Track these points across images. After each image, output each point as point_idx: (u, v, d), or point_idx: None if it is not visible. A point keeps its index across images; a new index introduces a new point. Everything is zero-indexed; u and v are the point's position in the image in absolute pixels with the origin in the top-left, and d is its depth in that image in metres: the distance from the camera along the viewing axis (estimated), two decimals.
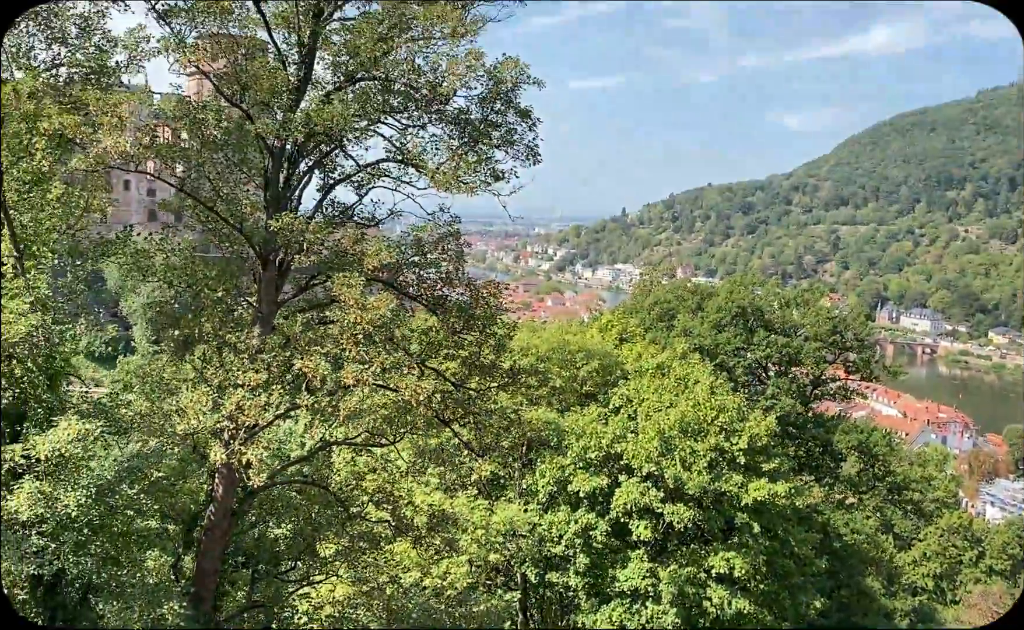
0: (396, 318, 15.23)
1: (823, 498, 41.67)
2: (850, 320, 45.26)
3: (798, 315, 44.87)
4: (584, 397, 34.87)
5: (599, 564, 30.10)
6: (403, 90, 15.56)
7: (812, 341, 42.98)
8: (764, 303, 44.51)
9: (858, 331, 44.95)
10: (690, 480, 27.81)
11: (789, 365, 44.10)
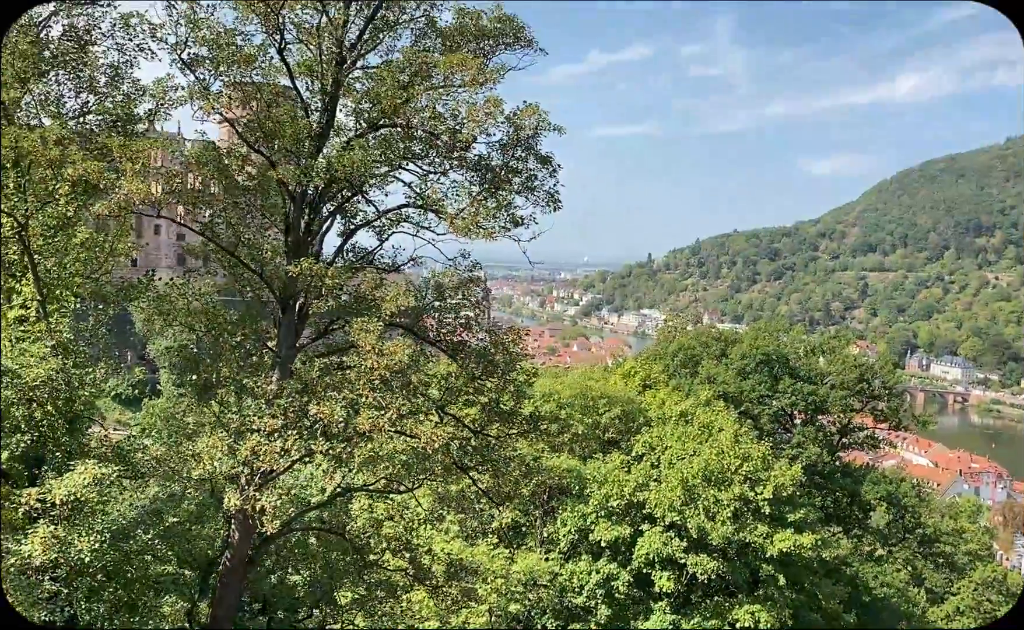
0: (414, 364, 15.16)
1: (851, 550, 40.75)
2: (877, 368, 44.65)
3: (824, 362, 44.34)
4: (606, 444, 34.52)
5: (621, 616, 29.54)
6: (424, 136, 15.66)
7: (839, 389, 42.38)
8: (789, 350, 44.05)
9: (886, 379, 44.30)
10: (714, 530, 27.32)
11: (815, 413, 43.48)
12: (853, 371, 42.77)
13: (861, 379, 42.99)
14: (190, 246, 19.77)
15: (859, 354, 49.27)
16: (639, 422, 34.84)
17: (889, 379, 44.89)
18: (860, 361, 44.56)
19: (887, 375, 44.77)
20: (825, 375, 43.52)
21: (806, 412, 43.69)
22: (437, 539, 25.44)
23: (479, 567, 25.69)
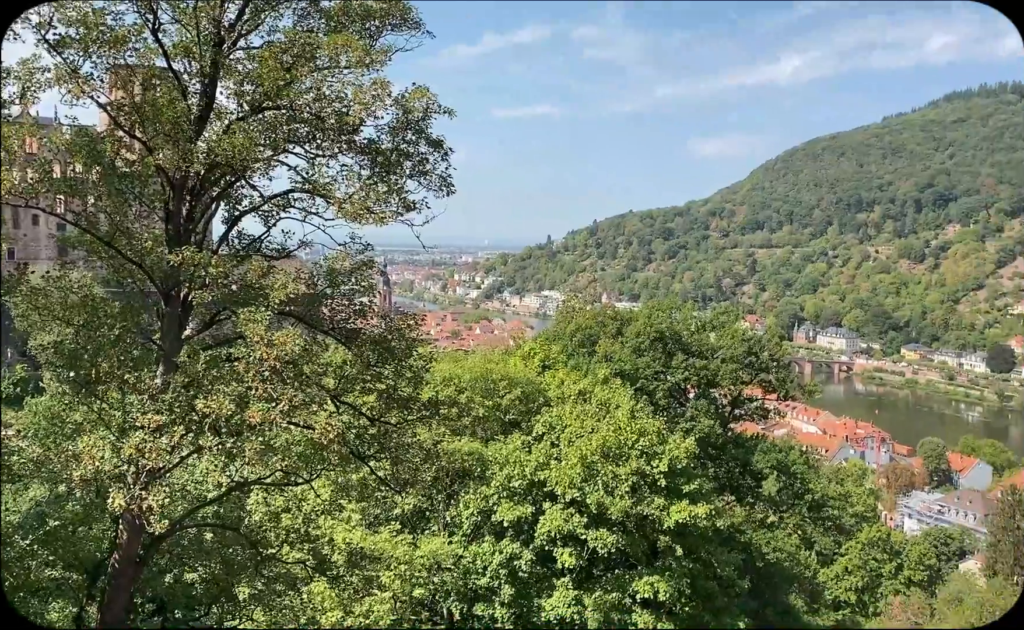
0: (306, 353, 14.84)
1: (745, 518, 42.28)
2: (765, 341, 46.28)
3: (715, 337, 45.67)
4: (508, 426, 34.74)
5: (525, 594, 29.88)
6: (309, 119, 15.26)
7: (729, 362, 43.75)
8: (682, 327, 45.21)
9: (773, 351, 45.98)
10: (613, 505, 27.87)
11: (708, 387, 44.81)
12: (742, 345, 44.20)
13: (750, 352, 44.48)
14: (67, 237, 18.82)
15: (748, 328, 50.98)
16: (539, 402, 35.19)
17: (776, 351, 46.59)
18: (748, 335, 46.10)
19: (774, 348, 46.46)
20: (716, 350, 44.83)
21: (699, 386, 44.97)
22: (338, 529, 25.12)
23: (382, 554, 25.53)
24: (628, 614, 28.37)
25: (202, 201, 16.15)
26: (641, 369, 42.94)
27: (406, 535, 28.56)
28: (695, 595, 29.41)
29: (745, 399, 47.04)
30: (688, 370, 43.35)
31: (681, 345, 44.35)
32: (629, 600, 28.53)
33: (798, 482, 45.34)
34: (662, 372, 43.66)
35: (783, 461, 44.10)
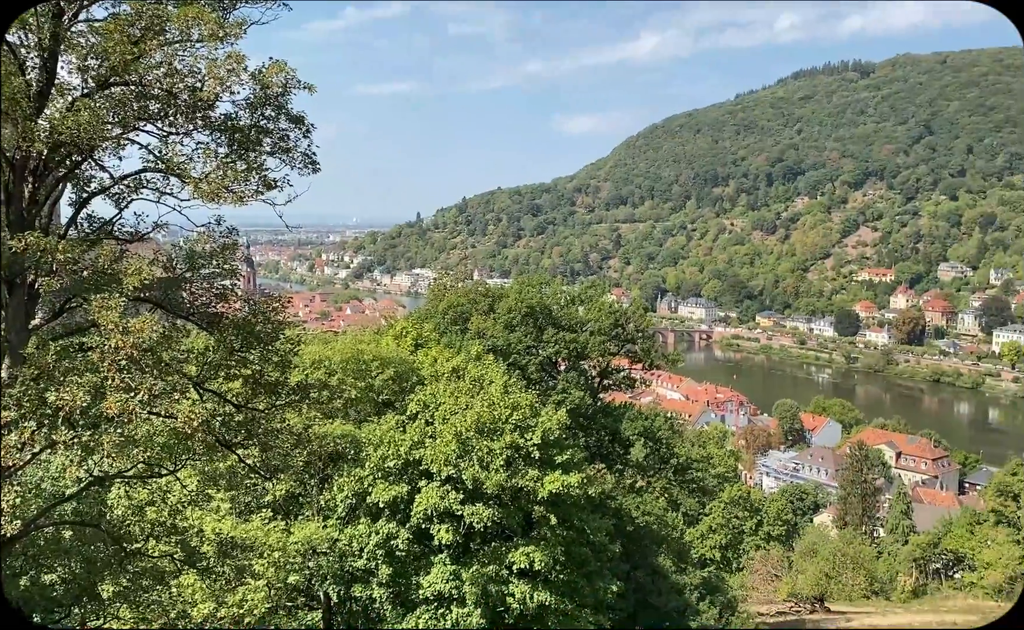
0: (165, 340, 14.26)
1: (615, 484, 43.57)
2: (631, 313, 47.67)
3: (583, 311, 46.69)
4: (381, 406, 34.48)
5: (403, 573, 29.86)
6: (161, 95, 14.57)
7: (597, 335, 44.84)
8: (552, 301, 45.98)
9: (638, 323, 47.43)
10: (488, 479, 28.14)
11: (578, 359, 45.79)
12: (609, 318, 45.39)
13: (617, 324, 45.75)
14: None
15: (615, 301, 52.33)
16: (413, 381, 35.07)
17: (642, 323, 48.08)
18: (615, 308, 47.35)
19: (640, 319, 47.93)
20: (585, 323, 45.83)
21: (569, 359, 45.88)
22: (207, 519, 24.33)
23: (254, 542, 24.94)
24: (505, 585, 28.79)
25: (46, 183, 15.18)
26: (513, 344, 43.43)
27: (279, 522, 27.95)
28: (569, 562, 30.11)
29: (613, 370, 48.35)
30: (559, 343, 44.14)
31: (551, 319, 45.10)
32: (506, 571, 28.94)
33: (664, 447, 47.01)
34: (534, 346, 44.30)
35: (649, 428, 45.61)
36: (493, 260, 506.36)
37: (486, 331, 44.05)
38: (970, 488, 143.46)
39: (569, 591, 30.18)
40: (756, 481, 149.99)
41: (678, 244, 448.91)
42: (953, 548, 79.39)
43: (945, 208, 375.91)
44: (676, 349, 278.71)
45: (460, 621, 28.51)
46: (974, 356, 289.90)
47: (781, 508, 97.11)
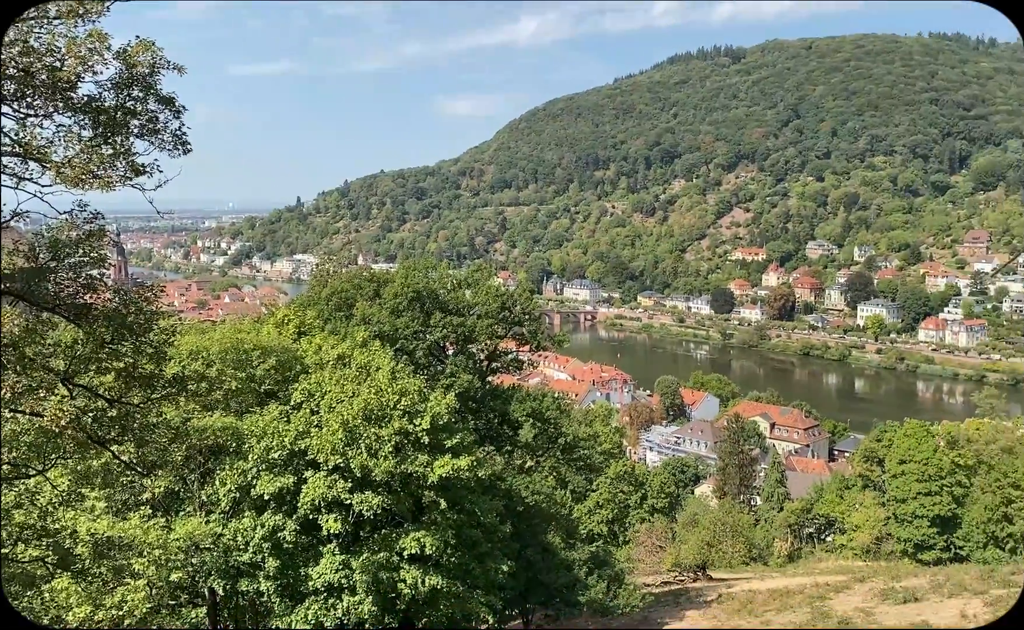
0: (29, 334, 13.46)
1: (504, 465, 43.90)
2: (517, 296, 47.95)
3: (470, 294, 46.67)
4: (264, 396, 33.58)
5: (291, 565, 29.29)
6: (17, 75, 13.65)
7: (485, 318, 44.92)
8: (438, 285, 45.76)
9: (525, 305, 47.77)
10: (377, 467, 27.88)
11: (465, 343, 45.76)
12: (496, 301, 45.53)
13: (504, 307, 45.93)
14: None
15: (502, 284, 52.61)
16: (296, 370, 34.28)
17: (528, 305, 48.44)
18: (502, 291, 47.55)
19: (526, 302, 48.27)
20: (472, 306, 45.84)
21: (457, 343, 45.82)
22: (81, 520, 23.18)
23: (132, 541, 23.94)
24: (396, 571, 28.62)
25: None
26: (400, 329, 43.01)
27: (159, 519, 26.90)
28: (460, 545, 30.19)
29: (501, 352, 48.57)
30: (446, 327, 43.98)
31: (438, 304, 44.87)
32: (397, 558, 28.77)
33: (552, 427, 47.61)
34: (421, 331, 44.00)
35: (538, 408, 46.10)
36: (378, 245, 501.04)
37: (372, 317, 43.49)
38: (839, 455, 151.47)
39: (461, 573, 30.29)
40: (640, 456, 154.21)
41: (562, 227, 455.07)
42: (824, 513, 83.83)
43: (812, 189, 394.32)
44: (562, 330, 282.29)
45: (351, 610, 28.22)
46: (840, 330, 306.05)
47: (664, 481, 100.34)
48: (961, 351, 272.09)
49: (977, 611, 33.53)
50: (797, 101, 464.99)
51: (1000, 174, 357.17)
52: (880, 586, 43.13)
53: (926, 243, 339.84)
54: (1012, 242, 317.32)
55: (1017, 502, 65.50)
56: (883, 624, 34.64)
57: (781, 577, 57.50)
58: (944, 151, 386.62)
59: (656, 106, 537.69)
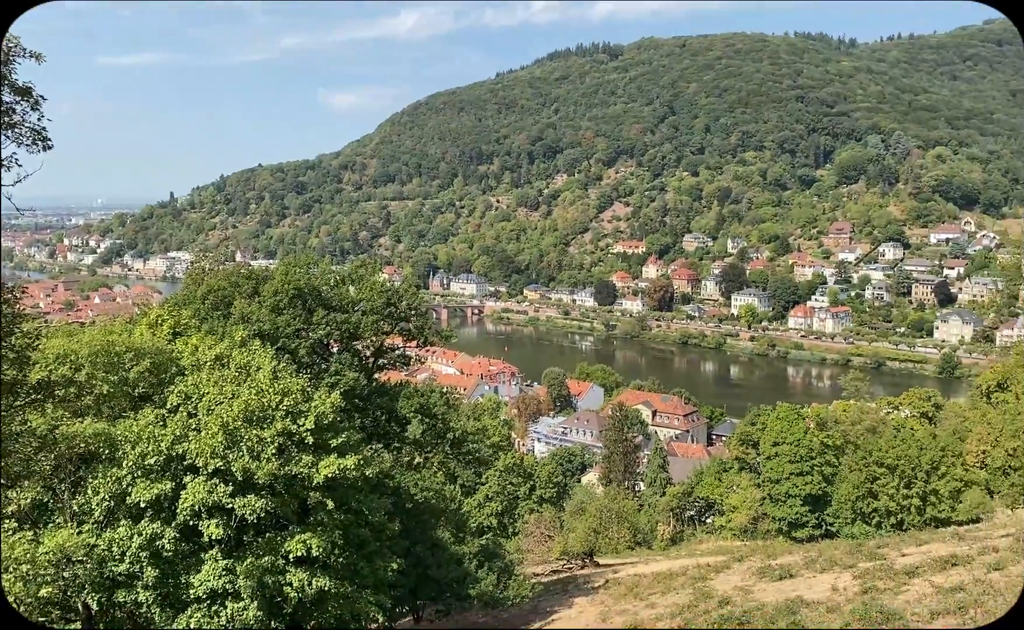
0: None
1: (393, 463, 43.56)
2: (403, 291, 47.58)
3: (355, 291, 46.01)
4: (137, 401, 32.20)
5: (171, 573, 28.24)
6: None
7: (370, 315, 44.38)
8: (321, 282, 44.91)
9: (411, 301, 47.45)
10: (260, 469, 27.20)
11: (350, 340, 45.10)
12: (381, 296, 45.04)
13: (389, 303, 45.49)
14: None
15: (387, 280, 52.16)
16: (172, 372, 33.03)
17: (414, 300, 48.15)
18: (387, 287, 47.10)
19: (412, 297, 47.95)
20: (357, 303, 45.22)
21: (342, 340, 45.11)
22: None
23: None
24: (282, 575, 27.98)
25: None
26: (281, 327, 42.00)
27: (26, 532, 25.48)
28: (348, 545, 29.78)
29: (388, 348, 48.08)
30: (330, 325, 43.20)
31: (321, 300, 44.01)
32: (282, 561, 28.13)
33: (440, 422, 47.50)
34: (303, 329, 43.09)
35: (425, 404, 45.92)
36: (257, 241, 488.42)
37: (251, 315, 42.33)
38: (717, 439, 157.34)
39: (349, 574, 29.90)
40: (529, 447, 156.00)
41: (447, 221, 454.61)
42: (704, 495, 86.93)
43: (688, 183, 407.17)
44: (450, 325, 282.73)
45: (235, 616, 27.45)
46: (716, 319, 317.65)
47: (552, 471, 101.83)
48: (828, 337, 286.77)
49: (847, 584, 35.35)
50: (672, 98, 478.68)
51: (861, 168, 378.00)
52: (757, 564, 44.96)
53: (794, 234, 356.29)
54: (873, 233, 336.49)
55: (881, 479, 69.55)
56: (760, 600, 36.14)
57: (665, 560, 59.24)
58: (810, 146, 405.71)
59: (537, 101, 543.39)
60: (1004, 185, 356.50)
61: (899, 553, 42.15)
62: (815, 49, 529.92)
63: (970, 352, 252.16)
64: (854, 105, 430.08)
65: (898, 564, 37.31)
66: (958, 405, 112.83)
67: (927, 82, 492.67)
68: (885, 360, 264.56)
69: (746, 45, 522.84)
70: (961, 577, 31.60)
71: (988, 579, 30.29)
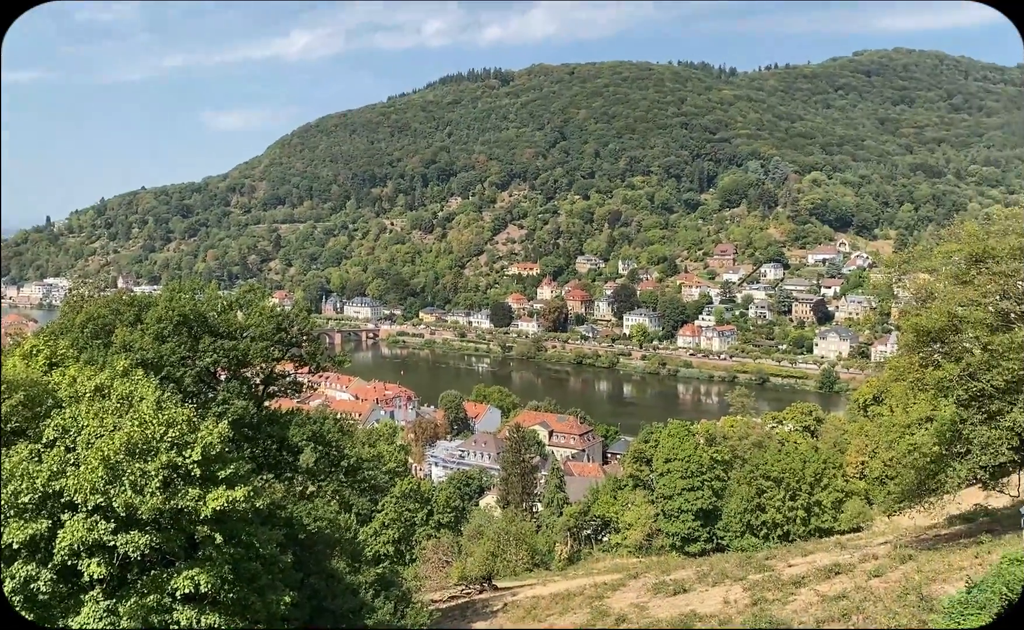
0: None
1: (285, 493, 42.55)
2: (294, 316, 46.61)
3: (243, 316, 44.82)
4: (10, 436, 30.47)
5: (46, 617, 26.73)
6: None
7: (259, 340, 43.28)
8: (207, 308, 43.56)
9: (302, 325, 46.53)
10: (144, 504, 26.10)
11: (239, 367, 43.86)
12: (271, 322, 43.97)
13: (280, 328, 44.43)
14: None
15: (277, 304, 51.02)
16: (48, 405, 31.41)
17: (306, 325, 47.22)
18: (278, 311, 46.04)
19: (303, 322, 47.00)
20: (246, 329, 44.04)
21: (230, 368, 43.83)
22: None
23: None
24: (169, 613, 26.84)
25: None
26: (166, 356, 40.49)
27: None
28: (238, 579, 28.83)
29: (278, 375, 46.95)
30: (217, 352, 41.88)
31: (208, 327, 42.64)
32: (169, 599, 27.01)
33: (334, 450, 46.64)
34: (189, 357, 41.65)
35: (319, 431, 45.03)
36: (140, 266, 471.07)
37: (133, 344, 40.70)
38: (612, 457, 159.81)
39: (240, 609, 28.96)
40: (426, 472, 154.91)
41: (340, 244, 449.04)
42: (600, 514, 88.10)
43: (579, 206, 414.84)
44: (343, 349, 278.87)
45: None
46: (609, 339, 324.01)
47: (450, 496, 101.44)
48: (715, 355, 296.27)
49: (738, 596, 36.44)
50: (563, 123, 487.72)
51: (743, 192, 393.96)
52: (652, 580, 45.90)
53: (681, 256, 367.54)
54: (755, 254, 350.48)
55: (768, 492, 72.04)
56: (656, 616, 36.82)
57: (563, 580, 59.74)
58: (694, 171, 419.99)
59: (430, 125, 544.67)
60: (875, 208, 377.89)
61: (786, 564, 43.82)
62: (698, 78, 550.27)
63: (847, 367, 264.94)
64: (735, 132, 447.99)
65: (785, 575, 38.78)
66: (838, 419, 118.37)
67: (802, 110, 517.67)
68: (769, 376, 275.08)
69: (632, 73, 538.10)
70: (844, 585, 33.07)
71: (869, 586, 31.79)
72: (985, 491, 41.29)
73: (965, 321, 35.49)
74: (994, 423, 34.59)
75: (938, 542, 41.69)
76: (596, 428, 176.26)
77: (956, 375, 35.12)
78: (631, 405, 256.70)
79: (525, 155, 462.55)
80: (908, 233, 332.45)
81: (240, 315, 45.23)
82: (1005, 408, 34.23)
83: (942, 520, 45.96)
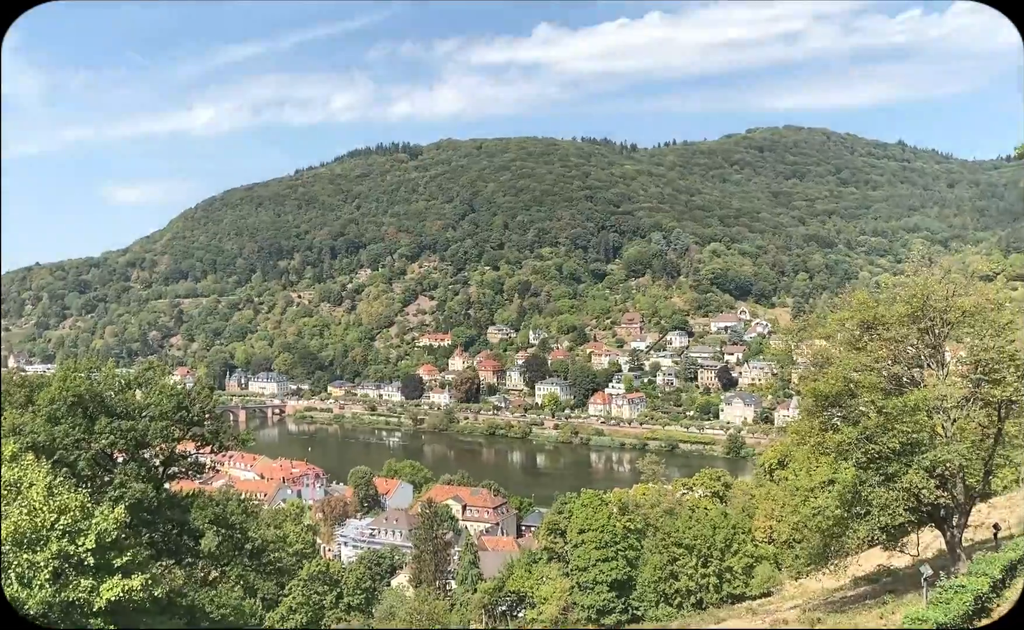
0: None
1: (186, 579, 40.70)
2: (195, 393, 45.21)
3: (141, 395, 43.24)
4: None
5: None
6: None
7: (159, 420, 41.72)
8: (104, 387, 41.86)
9: (204, 403, 45.15)
10: (31, 598, 24.55)
11: (137, 448, 42.08)
12: (172, 400, 42.52)
13: (180, 407, 42.97)
14: None
15: (179, 381, 49.39)
16: None
17: (208, 403, 45.84)
18: (178, 389, 44.56)
19: (205, 399, 45.63)
20: (144, 408, 42.44)
21: (127, 449, 42.05)
22: None
23: None
24: None
25: None
26: (59, 438, 38.61)
27: None
28: None
29: (179, 456, 45.25)
30: (114, 433, 40.13)
31: (104, 407, 40.92)
32: None
33: (238, 532, 45.01)
34: (84, 439, 39.78)
35: (221, 514, 43.43)
36: (33, 344, 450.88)
37: (23, 427, 38.70)
38: (527, 530, 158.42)
39: None
40: (335, 552, 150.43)
41: (246, 318, 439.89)
42: (515, 589, 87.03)
43: (489, 277, 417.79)
44: (248, 427, 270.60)
45: None
46: (521, 409, 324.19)
47: (360, 576, 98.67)
48: (625, 422, 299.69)
49: None
50: (471, 196, 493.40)
51: (647, 262, 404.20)
52: None
53: (590, 325, 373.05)
54: (660, 322, 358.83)
55: (681, 559, 72.56)
56: None
57: None
58: (600, 242, 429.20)
59: (339, 198, 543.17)
60: (772, 277, 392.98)
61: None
62: (601, 153, 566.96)
63: (752, 432, 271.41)
64: (637, 205, 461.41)
65: None
66: (745, 483, 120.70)
67: (700, 184, 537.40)
68: (678, 443, 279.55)
69: (538, 148, 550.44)
70: None
71: None
72: (887, 551, 42.47)
73: (860, 386, 36.93)
74: (891, 484, 35.84)
75: (844, 604, 42.59)
76: (510, 500, 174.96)
77: (854, 438, 36.38)
78: (545, 475, 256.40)
79: (435, 227, 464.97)
80: (804, 301, 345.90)
81: (139, 394, 43.63)
82: (901, 470, 35.52)
83: (848, 582, 47.05)
